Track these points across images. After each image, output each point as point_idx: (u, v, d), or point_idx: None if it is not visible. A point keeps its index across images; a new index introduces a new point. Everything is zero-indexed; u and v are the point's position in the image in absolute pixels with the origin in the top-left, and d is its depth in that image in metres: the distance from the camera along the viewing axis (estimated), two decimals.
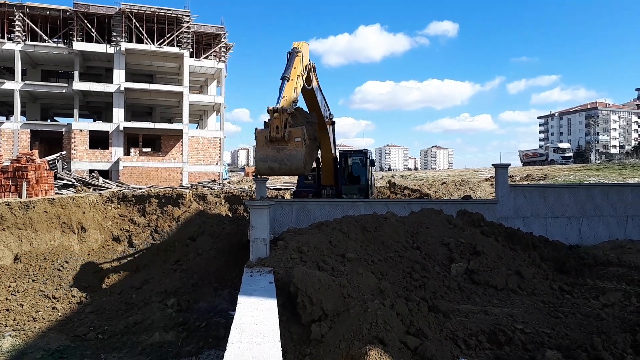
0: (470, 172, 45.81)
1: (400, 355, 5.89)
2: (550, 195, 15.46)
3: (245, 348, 5.05)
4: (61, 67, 43.69)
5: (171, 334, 10.88)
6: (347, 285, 7.92)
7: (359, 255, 10.57)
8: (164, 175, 38.30)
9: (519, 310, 8.55)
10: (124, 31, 38.91)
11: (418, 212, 12.97)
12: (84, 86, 38.31)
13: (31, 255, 15.99)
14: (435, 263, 10.57)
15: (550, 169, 41.40)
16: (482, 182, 33.41)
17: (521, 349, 6.70)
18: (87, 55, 39.46)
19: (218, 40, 43.26)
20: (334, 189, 17.77)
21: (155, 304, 12.60)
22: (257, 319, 6.08)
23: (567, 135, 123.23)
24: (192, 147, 40.43)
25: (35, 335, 11.46)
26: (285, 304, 7.73)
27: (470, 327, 7.35)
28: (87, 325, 11.98)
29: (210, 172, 40.70)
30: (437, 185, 31.86)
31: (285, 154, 10.72)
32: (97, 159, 37.71)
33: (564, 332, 7.27)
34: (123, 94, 38.74)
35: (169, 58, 41.22)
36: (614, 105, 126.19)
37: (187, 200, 20.93)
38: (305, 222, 13.56)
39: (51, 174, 22.84)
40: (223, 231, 16.98)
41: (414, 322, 6.90)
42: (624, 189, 16.06)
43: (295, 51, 12.48)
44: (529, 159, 69.76)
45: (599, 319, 7.82)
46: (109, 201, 20.58)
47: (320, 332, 6.88)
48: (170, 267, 15.56)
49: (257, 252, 10.49)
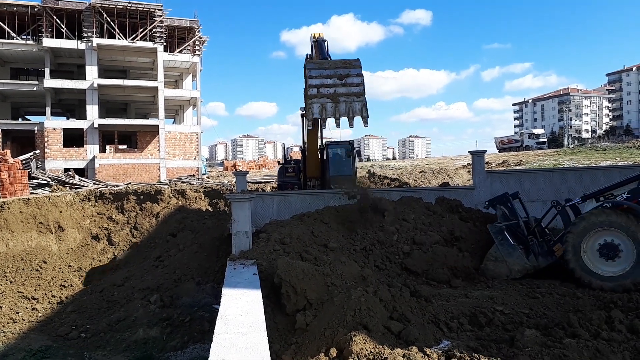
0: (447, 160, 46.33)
1: (384, 339, 6.00)
2: (526, 180, 15.76)
3: (231, 339, 5.09)
4: (31, 65, 42.60)
5: (155, 330, 10.84)
6: (330, 274, 8.02)
7: (341, 244, 10.66)
8: (141, 172, 37.80)
9: (498, 292, 8.76)
10: (95, 26, 38.08)
11: (398, 200, 13.12)
12: (55, 83, 37.44)
13: (8, 257, 15.69)
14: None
15: (526, 155, 42.12)
16: (460, 169, 33.84)
17: (501, 329, 6.89)
18: (57, 51, 38.55)
19: (192, 33, 42.69)
20: (319, 180, 17.69)
21: (138, 300, 12.51)
22: (242, 310, 6.13)
23: (541, 122, 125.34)
24: (169, 142, 39.97)
25: (16, 336, 11.30)
26: (269, 295, 7.78)
27: (451, 310, 7.52)
28: (69, 324, 11.86)
29: (189, 167, 40.30)
30: (415, 173, 32.18)
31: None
32: (72, 157, 36.98)
33: (541, 311, 7.49)
34: (96, 90, 37.99)
35: (143, 53, 40.53)
36: (586, 90, 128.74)
37: (166, 196, 20.76)
38: (287, 214, 13.58)
39: (25, 173, 22.38)
40: (204, 226, 16.91)
41: (397, 307, 7.03)
42: (596, 172, 16.45)
43: (323, 39, 14.03)
44: (504, 146, 70.71)
45: (575, 297, 8.08)
46: (86, 199, 20.29)
47: (305, 321, 6.96)
48: (151, 263, 15.46)
49: (240, 245, 10.50)
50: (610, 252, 9.05)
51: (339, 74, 10.42)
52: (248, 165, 59.81)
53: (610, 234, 9.11)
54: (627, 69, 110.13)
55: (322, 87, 10.38)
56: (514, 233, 10.69)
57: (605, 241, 9.15)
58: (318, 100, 10.18)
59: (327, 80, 10.47)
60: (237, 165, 59.10)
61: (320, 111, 10.03)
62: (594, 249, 9.22)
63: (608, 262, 9.06)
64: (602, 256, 9.12)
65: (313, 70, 10.75)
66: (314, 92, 10.31)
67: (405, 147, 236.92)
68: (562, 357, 5.23)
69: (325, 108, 10.05)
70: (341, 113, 10.02)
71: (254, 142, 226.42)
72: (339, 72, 10.47)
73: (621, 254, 8.97)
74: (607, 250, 9.09)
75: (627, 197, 9.40)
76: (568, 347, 5.49)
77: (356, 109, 9.89)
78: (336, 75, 10.45)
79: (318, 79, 10.50)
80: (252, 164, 62.14)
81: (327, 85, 10.40)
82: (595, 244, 9.23)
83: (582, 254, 9.22)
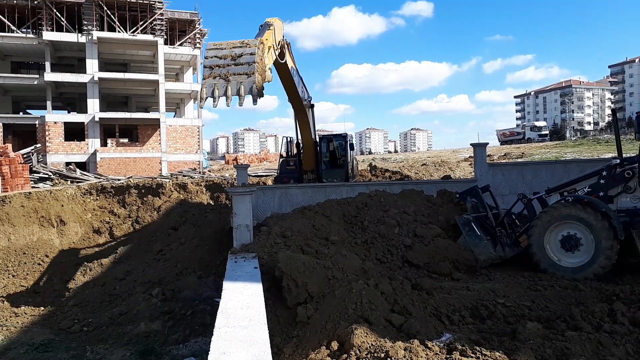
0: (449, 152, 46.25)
1: (385, 332, 5.99)
2: (528, 173, 15.69)
3: (232, 332, 5.08)
4: (31, 58, 42.48)
5: (157, 324, 10.85)
6: (331, 267, 8.00)
7: (342, 237, 10.65)
8: (142, 166, 37.77)
9: (499, 285, 8.74)
10: (95, 20, 37.91)
11: (399, 193, 13.09)
12: (56, 77, 37.34)
13: (10, 251, 15.72)
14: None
15: (528, 147, 42.04)
16: (461, 162, 33.76)
17: (503, 322, 6.87)
18: (57, 45, 38.42)
19: (192, 26, 42.51)
20: (314, 173, 17.79)
21: (140, 294, 12.53)
22: (243, 304, 6.11)
23: (543, 114, 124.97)
24: (170, 136, 39.91)
25: (18, 330, 11.33)
26: (270, 289, 7.78)
27: (453, 303, 7.50)
28: (71, 318, 11.88)
29: (190, 161, 40.26)
30: (417, 166, 32.13)
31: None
32: (73, 151, 36.96)
33: (543, 304, 7.47)
34: (97, 84, 37.89)
35: (143, 46, 40.38)
36: (588, 82, 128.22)
37: (168, 190, 20.75)
38: (288, 207, 13.55)
39: (26, 167, 22.39)
40: (205, 219, 16.90)
41: (398, 300, 7.02)
42: (598, 164, 16.32)
43: (268, 24, 11.95)
44: (506, 138, 70.59)
45: (577, 290, 8.05)
46: (88, 193, 20.29)
47: (306, 314, 6.95)
48: (153, 257, 15.46)
49: (241, 238, 10.49)
50: (571, 244, 9.45)
51: (233, 53, 10.37)
52: (249, 158, 59.85)
53: (571, 226, 9.48)
54: (630, 60, 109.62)
55: (216, 67, 10.36)
56: (482, 225, 11.02)
57: (567, 234, 9.51)
58: (212, 81, 10.16)
59: (221, 61, 10.42)
60: (238, 158, 59.10)
61: (213, 91, 10.00)
62: (556, 240, 9.61)
63: (569, 254, 9.48)
64: (564, 248, 9.51)
65: (210, 51, 10.72)
66: (208, 73, 10.31)
67: (406, 140, 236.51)
68: (564, 350, 5.21)
69: (217, 88, 10.02)
70: (232, 92, 9.97)
71: (255, 136, 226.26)
72: (235, 51, 10.41)
73: (581, 246, 9.36)
74: (568, 242, 9.47)
75: (588, 192, 9.86)
76: (570, 340, 5.47)
77: (246, 88, 9.85)
78: (230, 55, 10.40)
79: (213, 60, 10.48)
80: (253, 157, 62.19)
81: (221, 66, 10.36)
82: (558, 236, 9.61)
83: (545, 245, 9.62)
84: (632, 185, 9.41)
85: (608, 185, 9.65)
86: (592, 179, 10.03)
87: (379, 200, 12.46)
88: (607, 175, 9.73)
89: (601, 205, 9.31)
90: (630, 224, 9.17)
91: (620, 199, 9.53)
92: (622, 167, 9.62)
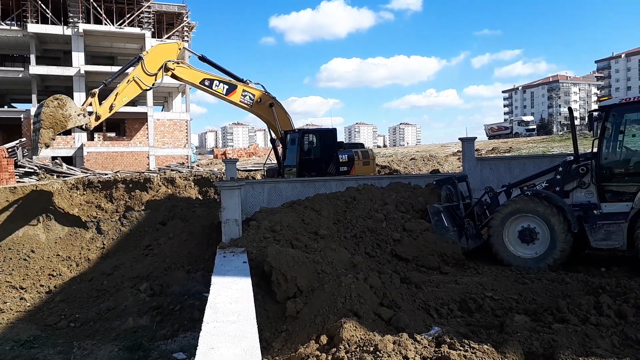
0: (437, 147, 46.38)
1: (374, 326, 6.00)
2: (516, 167, 15.80)
3: (220, 327, 5.05)
4: (16, 51, 41.87)
5: (145, 319, 10.79)
6: (320, 261, 7.99)
7: (331, 231, 10.65)
8: (130, 160, 37.45)
9: (487, 278, 8.80)
10: (81, 12, 37.42)
11: (387, 187, 13.12)
12: (41, 70, 36.84)
13: None
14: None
15: (515, 142, 42.28)
16: (450, 156, 33.90)
17: (491, 315, 6.91)
18: (43, 37, 37.88)
19: (180, 19, 42.13)
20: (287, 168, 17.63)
21: (128, 289, 12.43)
22: (231, 298, 6.08)
23: (531, 108, 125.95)
24: (158, 130, 39.58)
25: (4, 326, 11.20)
26: (260, 283, 7.76)
27: (441, 296, 7.53)
28: (58, 314, 11.76)
29: (178, 155, 40.00)
30: (405, 161, 32.22)
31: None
32: (59, 145, 36.50)
33: (531, 297, 7.53)
34: (83, 77, 37.43)
35: (130, 39, 39.96)
36: (575, 77, 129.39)
37: (156, 185, 20.55)
38: (278, 202, 13.51)
39: (11, 161, 22.08)
40: (194, 214, 16.80)
41: (387, 294, 7.03)
42: None
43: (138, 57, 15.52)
44: (494, 133, 71.03)
45: (564, 283, 8.12)
46: (74, 188, 20.03)
47: (295, 308, 6.94)
48: (141, 252, 15.35)
49: (230, 233, 10.44)
50: (528, 236, 9.85)
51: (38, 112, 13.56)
52: (238, 153, 59.50)
53: (529, 219, 9.89)
54: (616, 56, 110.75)
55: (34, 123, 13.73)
56: (452, 215, 11.22)
57: (525, 226, 9.93)
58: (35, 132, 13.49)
59: (35, 118, 13.82)
60: (227, 153, 58.74)
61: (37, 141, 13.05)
62: (514, 233, 9.99)
63: (526, 245, 9.90)
64: (521, 239, 9.92)
65: (37, 109, 13.96)
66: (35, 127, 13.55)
67: (395, 134, 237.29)
68: (551, 342, 5.25)
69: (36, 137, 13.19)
70: (36, 141, 13.06)
71: (244, 130, 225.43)
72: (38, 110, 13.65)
73: (537, 239, 9.78)
74: (526, 235, 9.89)
75: (545, 186, 10.26)
76: (557, 332, 5.52)
77: (37, 140, 12.91)
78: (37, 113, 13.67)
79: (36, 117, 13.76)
80: (242, 151, 61.83)
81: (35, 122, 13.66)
82: (517, 228, 9.98)
83: (504, 237, 10.05)
84: (586, 181, 9.76)
85: (564, 180, 10.01)
86: (549, 175, 10.46)
87: (367, 194, 12.47)
88: (563, 171, 10.10)
89: (557, 200, 9.70)
90: (584, 218, 9.55)
91: (575, 193, 9.87)
92: (578, 164, 9.97)
